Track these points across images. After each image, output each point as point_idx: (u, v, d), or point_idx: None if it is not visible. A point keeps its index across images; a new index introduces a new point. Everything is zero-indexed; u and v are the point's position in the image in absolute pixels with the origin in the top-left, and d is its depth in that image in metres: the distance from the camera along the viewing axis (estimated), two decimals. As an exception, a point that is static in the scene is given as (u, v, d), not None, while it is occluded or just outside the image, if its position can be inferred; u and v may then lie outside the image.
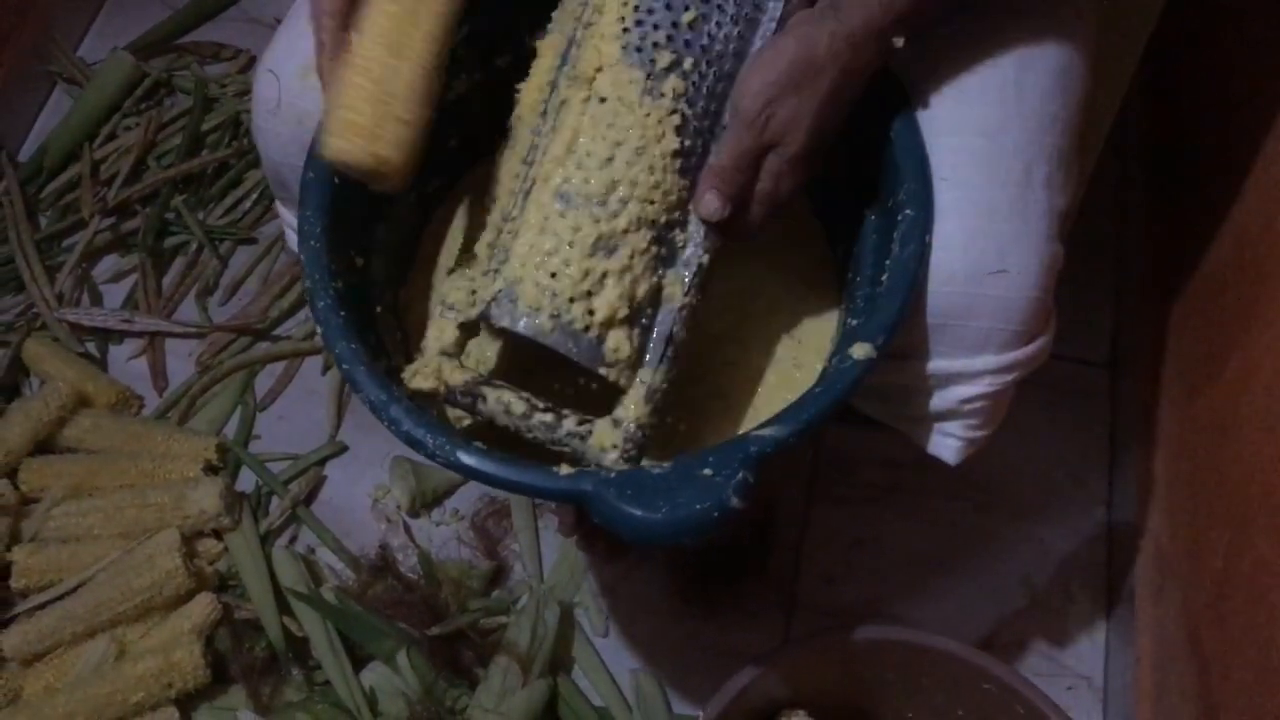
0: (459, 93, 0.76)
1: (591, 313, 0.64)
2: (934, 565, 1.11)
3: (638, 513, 0.59)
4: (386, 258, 0.76)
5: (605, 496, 0.60)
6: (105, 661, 1.01)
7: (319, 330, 0.66)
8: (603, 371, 0.65)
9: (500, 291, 0.64)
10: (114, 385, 1.20)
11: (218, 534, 1.10)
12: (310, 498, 1.16)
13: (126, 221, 1.32)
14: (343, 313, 0.66)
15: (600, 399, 0.67)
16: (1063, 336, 0.73)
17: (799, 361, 0.75)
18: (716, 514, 0.59)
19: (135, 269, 1.29)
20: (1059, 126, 0.69)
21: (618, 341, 0.65)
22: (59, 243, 1.32)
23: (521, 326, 0.64)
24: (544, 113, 0.67)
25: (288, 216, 0.85)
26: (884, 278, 0.67)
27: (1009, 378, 0.70)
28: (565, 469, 0.64)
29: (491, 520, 1.13)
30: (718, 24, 0.65)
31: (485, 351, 0.75)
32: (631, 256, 0.64)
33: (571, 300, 0.63)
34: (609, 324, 0.64)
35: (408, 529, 1.13)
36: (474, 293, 0.67)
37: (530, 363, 0.68)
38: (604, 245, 0.64)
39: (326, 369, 1.24)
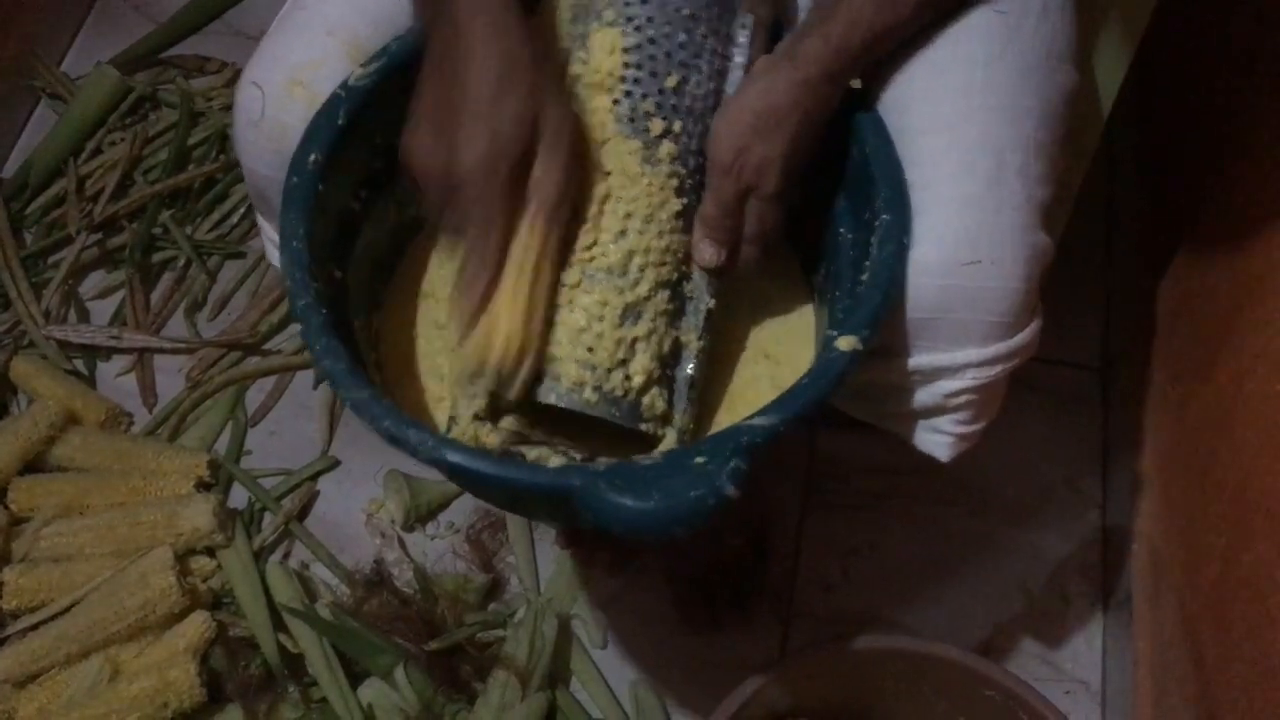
0: None
1: (629, 378, 0.67)
2: (930, 571, 1.11)
3: (629, 503, 0.56)
4: (362, 277, 0.75)
5: (594, 489, 0.57)
6: (99, 682, 1.00)
7: (300, 328, 0.65)
8: (642, 428, 0.68)
9: (542, 370, 0.67)
10: (103, 402, 1.19)
11: (210, 551, 1.09)
12: (303, 513, 1.15)
13: (113, 237, 1.31)
14: (324, 311, 0.65)
15: (629, 431, 0.69)
16: (1054, 340, 0.73)
17: (777, 383, 0.74)
18: (712, 501, 0.56)
19: (123, 285, 1.28)
20: (1034, 118, 0.69)
21: (652, 399, 0.68)
22: (45, 259, 1.31)
23: (568, 403, 0.66)
24: None
25: (268, 229, 0.85)
26: (863, 277, 0.67)
27: (994, 370, 0.70)
28: (554, 462, 0.63)
29: (487, 533, 1.12)
30: (697, 83, 0.68)
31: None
32: (654, 319, 0.68)
33: (609, 371, 0.66)
34: (645, 387, 0.67)
35: (402, 543, 1.12)
36: None
37: (556, 410, 0.68)
38: (630, 314, 0.67)
39: (318, 383, 1.23)
